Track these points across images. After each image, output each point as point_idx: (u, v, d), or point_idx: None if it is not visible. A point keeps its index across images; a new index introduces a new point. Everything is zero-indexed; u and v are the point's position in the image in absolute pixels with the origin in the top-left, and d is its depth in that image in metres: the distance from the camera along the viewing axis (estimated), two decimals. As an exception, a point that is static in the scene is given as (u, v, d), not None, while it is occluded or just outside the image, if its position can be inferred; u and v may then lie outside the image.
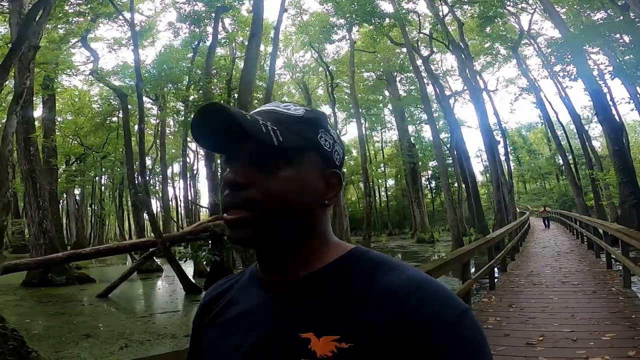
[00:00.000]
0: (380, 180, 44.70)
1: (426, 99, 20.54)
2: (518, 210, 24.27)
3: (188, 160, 39.45)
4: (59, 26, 17.83)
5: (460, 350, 0.46)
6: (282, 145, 0.53)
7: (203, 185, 50.49)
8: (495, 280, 6.30)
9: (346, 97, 34.66)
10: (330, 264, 0.56)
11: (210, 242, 12.21)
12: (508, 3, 18.97)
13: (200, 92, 17.64)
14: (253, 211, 0.53)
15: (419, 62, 21.99)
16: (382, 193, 46.91)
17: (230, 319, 0.60)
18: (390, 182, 46.67)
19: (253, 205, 0.53)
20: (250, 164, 0.54)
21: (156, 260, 16.33)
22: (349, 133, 47.05)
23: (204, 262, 13.35)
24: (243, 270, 0.68)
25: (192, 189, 41.46)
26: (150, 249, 12.36)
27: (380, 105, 38.69)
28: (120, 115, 24.19)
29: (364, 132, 40.69)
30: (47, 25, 14.96)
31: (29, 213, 14.76)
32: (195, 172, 41.85)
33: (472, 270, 6.44)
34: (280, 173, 0.54)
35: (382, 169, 42.87)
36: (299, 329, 0.51)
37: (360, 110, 37.06)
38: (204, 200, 38.81)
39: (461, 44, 20.84)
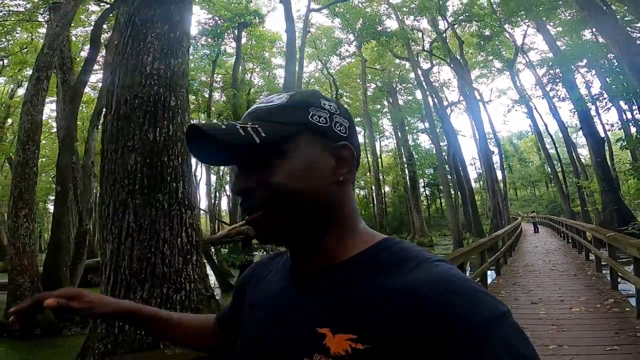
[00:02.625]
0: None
1: (429, 111, 22.30)
2: (511, 216, 26.08)
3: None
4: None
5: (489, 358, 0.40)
6: (267, 140, 0.52)
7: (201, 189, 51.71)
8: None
9: (347, 107, 36.36)
10: (356, 256, 0.54)
11: (241, 244, 13.62)
12: (505, 23, 20.70)
13: (230, 104, 19.23)
14: (266, 209, 0.54)
15: (418, 72, 23.74)
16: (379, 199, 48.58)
17: (256, 303, 0.62)
18: (386, 188, 48.44)
19: (264, 204, 0.54)
20: (248, 167, 0.55)
21: None
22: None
23: (230, 264, 14.71)
24: (283, 252, 0.68)
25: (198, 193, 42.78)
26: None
27: (379, 114, 40.50)
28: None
29: (364, 140, 42.65)
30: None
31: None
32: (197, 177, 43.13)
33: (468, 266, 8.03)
34: (277, 166, 0.53)
35: (381, 176, 44.59)
36: (316, 323, 0.50)
37: (361, 119, 38.93)
38: (203, 204, 40.08)
39: (461, 61, 22.69)
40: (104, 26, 12.62)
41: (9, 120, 27.45)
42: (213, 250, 17.05)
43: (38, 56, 8.60)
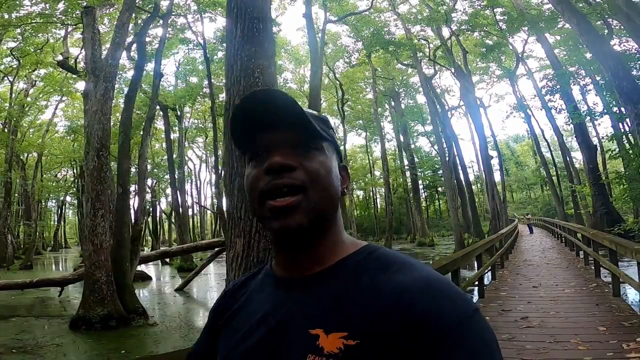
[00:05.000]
0: (379, 188, 47.80)
1: (434, 115, 23.59)
2: (508, 218, 27.50)
3: (191, 166, 41.98)
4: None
5: (462, 353, 0.45)
6: (319, 134, 0.58)
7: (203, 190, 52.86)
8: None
9: (350, 110, 37.60)
10: (344, 260, 0.57)
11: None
12: (507, 33, 21.98)
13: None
14: (304, 194, 0.55)
15: (423, 79, 24.99)
16: (379, 201, 49.98)
17: (243, 317, 0.62)
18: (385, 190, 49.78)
19: (303, 187, 0.55)
20: (292, 149, 0.57)
21: (194, 259, 18.61)
22: (348, 142, 50.08)
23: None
24: (260, 267, 0.69)
25: (200, 194, 43.97)
26: (217, 248, 14.75)
27: (381, 118, 41.82)
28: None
29: (366, 142, 43.94)
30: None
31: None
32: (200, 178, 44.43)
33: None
34: (317, 158, 0.57)
35: (381, 178, 45.87)
36: (309, 325, 0.52)
37: (361, 122, 40.19)
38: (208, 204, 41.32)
39: (464, 70, 24.03)
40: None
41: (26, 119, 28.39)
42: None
43: (103, 67, 9.62)
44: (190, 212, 40.84)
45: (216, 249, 14.74)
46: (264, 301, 0.61)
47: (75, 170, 36.86)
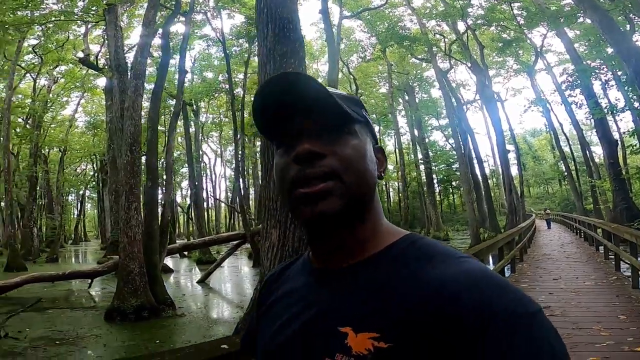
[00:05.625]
0: (392, 182, 47.85)
1: (450, 110, 23.52)
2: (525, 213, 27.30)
3: (206, 160, 42.70)
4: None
5: (523, 357, 0.39)
6: (350, 117, 0.54)
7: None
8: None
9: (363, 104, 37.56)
10: (383, 251, 0.54)
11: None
12: (525, 28, 21.69)
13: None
14: (338, 180, 0.51)
15: (439, 74, 24.87)
16: (392, 194, 50.00)
17: (278, 308, 0.60)
18: (399, 184, 49.75)
19: (336, 173, 0.51)
20: (322, 135, 0.53)
21: (212, 252, 19.01)
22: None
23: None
24: (299, 256, 0.67)
25: (215, 188, 44.76)
26: (235, 241, 15.19)
27: (395, 112, 41.75)
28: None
29: (379, 136, 43.89)
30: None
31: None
32: (215, 173, 45.14)
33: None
34: (350, 142, 0.54)
35: (395, 172, 45.91)
36: (338, 322, 0.49)
37: (375, 116, 40.17)
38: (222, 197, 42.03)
39: (481, 64, 23.83)
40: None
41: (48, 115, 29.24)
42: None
43: (132, 64, 9.96)
44: (205, 206, 41.84)
45: (236, 242, 15.20)
46: (299, 293, 0.58)
47: (95, 165, 37.89)
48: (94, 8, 14.75)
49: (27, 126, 26.10)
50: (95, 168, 37.55)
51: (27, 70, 24.80)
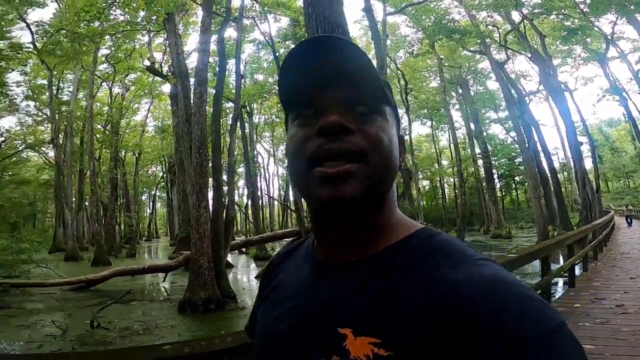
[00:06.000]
0: (447, 178, 46.15)
1: (510, 102, 22.21)
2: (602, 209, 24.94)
3: (260, 160, 44.26)
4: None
5: None
6: (385, 95, 0.50)
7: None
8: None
9: (414, 99, 36.78)
10: (391, 246, 0.49)
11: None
12: (590, 16, 19.87)
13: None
14: (363, 162, 0.46)
15: (494, 66, 23.51)
16: (447, 191, 48.20)
17: (278, 297, 0.57)
18: (454, 180, 47.77)
19: (363, 154, 0.46)
20: (352, 109, 0.48)
21: (267, 249, 19.52)
22: (414, 131, 49.06)
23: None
24: (302, 240, 0.63)
25: (269, 187, 46.38)
26: (289, 238, 15.65)
27: (449, 106, 40.18)
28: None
29: (432, 131, 42.54)
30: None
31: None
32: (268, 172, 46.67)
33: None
34: (380, 123, 0.49)
35: (450, 167, 44.22)
36: (338, 322, 0.46)
37: (426, 111, 38.95)
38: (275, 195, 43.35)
39: (543, 54, 22.20)
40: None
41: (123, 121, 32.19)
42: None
43: (195, 71, 10.70)
44: (260, 203, 43.26)
45: (291, 239, 15.66)
46: (301, 283, 0.55)
47: (164, 166, 41.04)
48: (154, 17, 16.11)
49: (107, 132, 28.94)
50: (164, 169, 40.62)
51: (103, 79, 27.50)
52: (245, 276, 15.61)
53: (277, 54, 19.39)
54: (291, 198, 27.65)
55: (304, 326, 0.50)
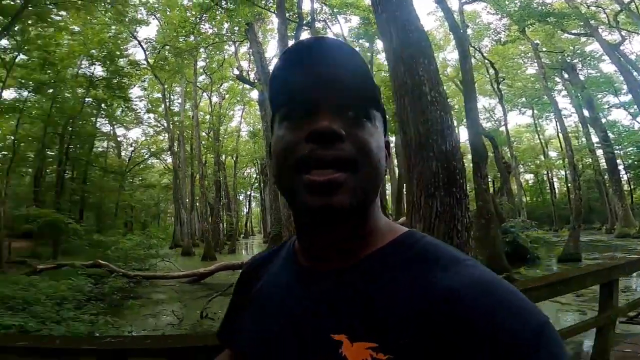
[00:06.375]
0: (557, 171, 40.92)
1: (634, 85, 18.83)
2: None
3: None
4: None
5: None
6: (376, 100, 0.49)
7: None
8: None
9: (508, 88, 33.46)
10: (379, 250, 0.49)
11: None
12: None
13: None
14: (352, 171, 0.45)
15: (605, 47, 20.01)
16: (557, 185, 42.68)
17: (262, 303, 0.55)
18: (565, 172, 42.13)
19: (352, 162, 0.45)
20: (343, 113, 0.47)
21: None
22: (512, 122, 44.60)
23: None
24: (284, 243, 0.62)
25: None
26: None
27: (552, 93, 35.54)
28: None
29: (533, 120, 38.13)
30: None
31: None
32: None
33: None
34: (369, 128, 0.48)
35: (559, 159, 39.16)
36: (332, 328, 0.45)
37: (524, 99, 34.98)
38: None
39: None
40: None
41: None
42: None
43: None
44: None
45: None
46: (283, 290, 0.54)
47: (257, 168, 44.09)
48: (236, 28, 17.38)
49: (210, 139, 32.23)
50: (257, 171, 43.66)
51: (203, 89, 30.63)
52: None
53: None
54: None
55: (293, 334, 0.49)
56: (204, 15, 15.85)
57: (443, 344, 0.40)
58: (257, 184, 46.35)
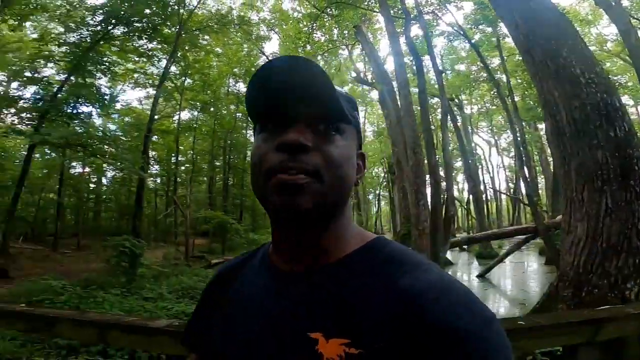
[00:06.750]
0: None
1: None
2: None
3: (479, 152, 40.46)
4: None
5: None
6: (344, 115, 0.52)
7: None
8: None
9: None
10: (349, 255, 0.53)
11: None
12: None
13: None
14: (317, 177, 0.49)
15: None
16: None
17: (235, 308, 0.57)
18: None
19: (317, 172, 0.49)
20: (312, 126, 0.51)
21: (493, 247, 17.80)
22: None
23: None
24: (257, 249, 0.65)
25: (493, 179, 42.08)
26: (521, 236, 13.72)
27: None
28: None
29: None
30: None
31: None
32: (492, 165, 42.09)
33: None
34: (338, 142, 0.52)
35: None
36: (308, 327, 0.48)
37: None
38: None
39: None
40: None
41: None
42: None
43: (396, 76, 10.98)
44: (483, 198, 39.72)
45: (524, 236, 13.65)
46: (261, 292, 0.56)
47: (384, 167, 44.05)
48: (345, 32, 17.69)
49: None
50: (385, 170, 43.64)
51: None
52: (465, 274, 14.79)
53: (472, 41, 17.65)
54: (523, 191, 24.30)
55: (272, 334, 0.51)
56: (314, 23, 16.72)
57: (416, 345, 0.43)
58: (385, 183, 46.33)
